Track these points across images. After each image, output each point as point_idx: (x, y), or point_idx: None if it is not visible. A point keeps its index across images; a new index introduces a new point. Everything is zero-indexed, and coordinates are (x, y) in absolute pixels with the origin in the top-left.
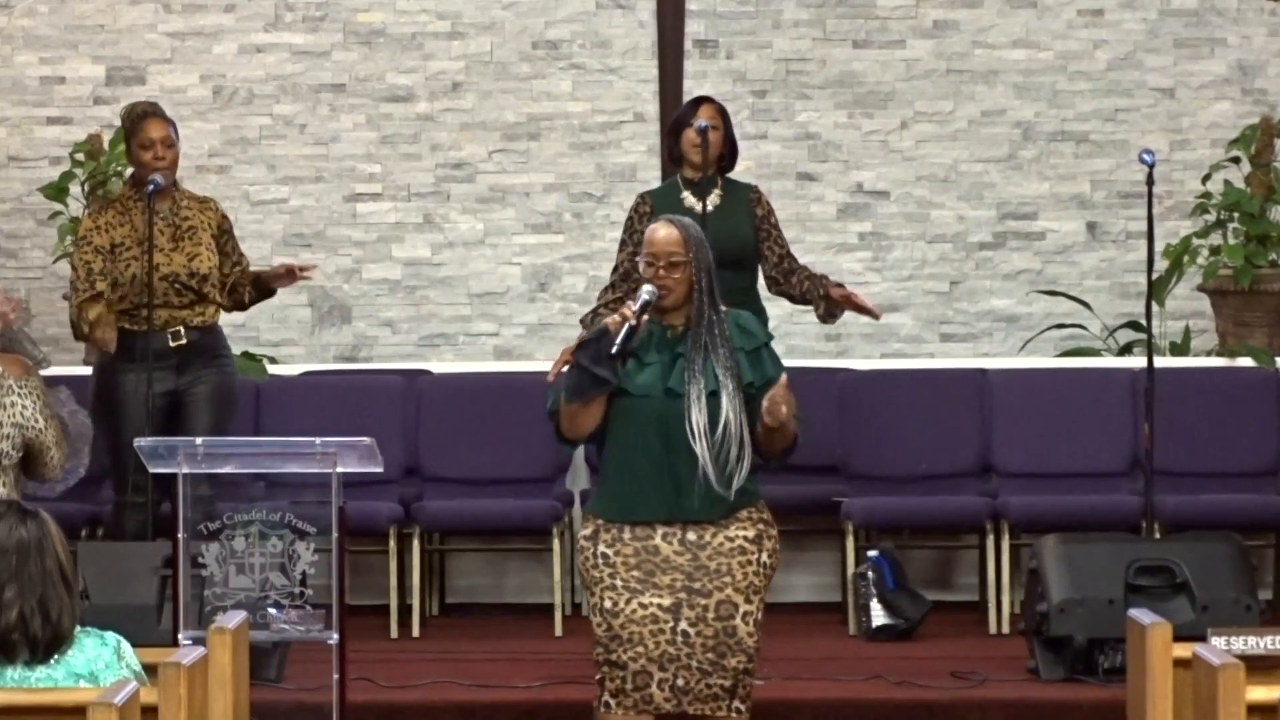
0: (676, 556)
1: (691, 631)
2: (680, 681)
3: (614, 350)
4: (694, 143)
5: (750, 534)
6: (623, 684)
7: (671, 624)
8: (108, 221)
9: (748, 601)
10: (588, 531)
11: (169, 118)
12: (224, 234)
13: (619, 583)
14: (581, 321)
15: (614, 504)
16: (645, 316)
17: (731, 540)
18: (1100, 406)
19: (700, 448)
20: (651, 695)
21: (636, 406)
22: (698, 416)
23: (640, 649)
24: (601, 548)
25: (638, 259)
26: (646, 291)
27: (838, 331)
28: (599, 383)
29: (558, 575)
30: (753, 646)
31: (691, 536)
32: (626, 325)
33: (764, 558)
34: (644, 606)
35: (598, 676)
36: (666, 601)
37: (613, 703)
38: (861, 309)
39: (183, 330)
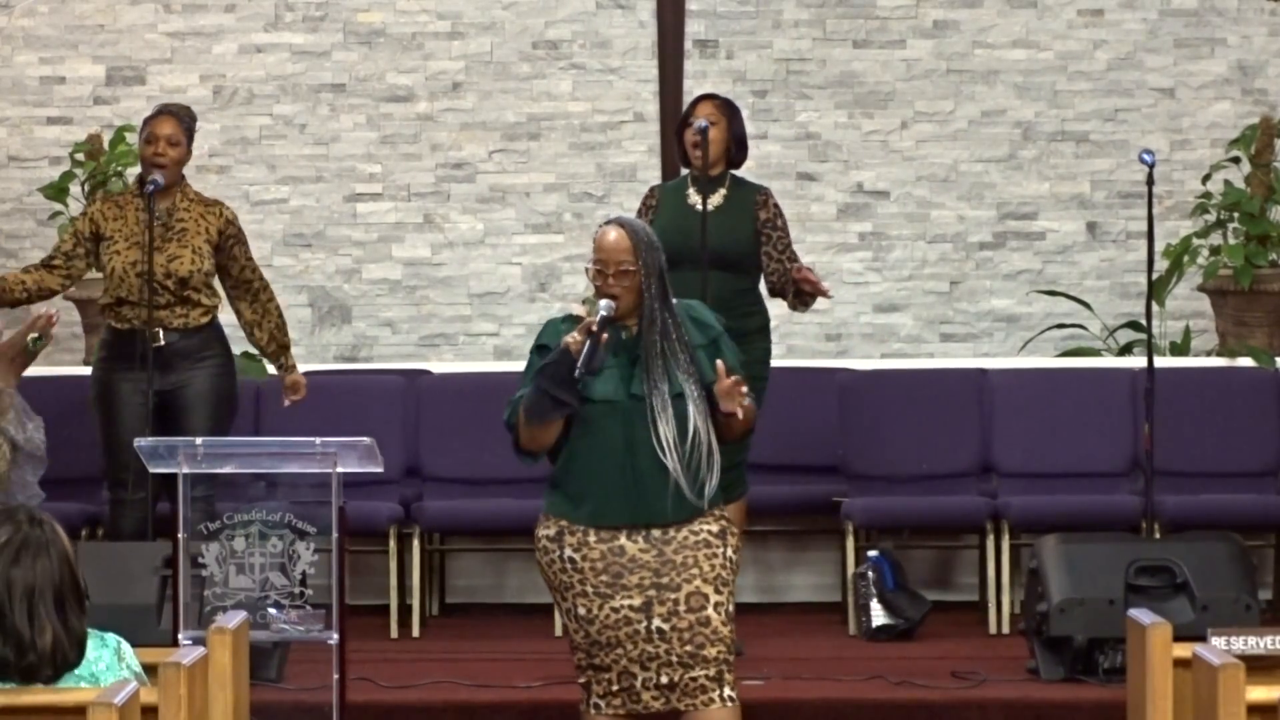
0: (642, 554)
1: (666, 627)
2: (664, 679)
3: (577, 372)
4: (693, 142)
5: (714, 529)
6: (609, 685)
7: (645, 623)
8: (101, 212)
9: (717, 592)
10: (550, 532)
11: (188, 123)
12: (228, 239)
13: (589, 589)
14: None
15: (579, 508)
16: (606, 334)
17: (696, 534)
18: (1100, 406)
19: (671, 461)
20: (639, 695)
21: (599, 413)
22: (665, 430)
23: (620, 651)
24: (568, 552)
25: (588, 263)
26: (604, 306)
27: (838, 331)
28: (559, 405)
29: None
30: (729, 636)
31: (656, 533)
32: (588, 345)
33: (729, 552)
34: (616, 610)
35: (582, 680)
36: (637, 601)
37: (602, 704)
38: (814, 285)
39: (161, 332)
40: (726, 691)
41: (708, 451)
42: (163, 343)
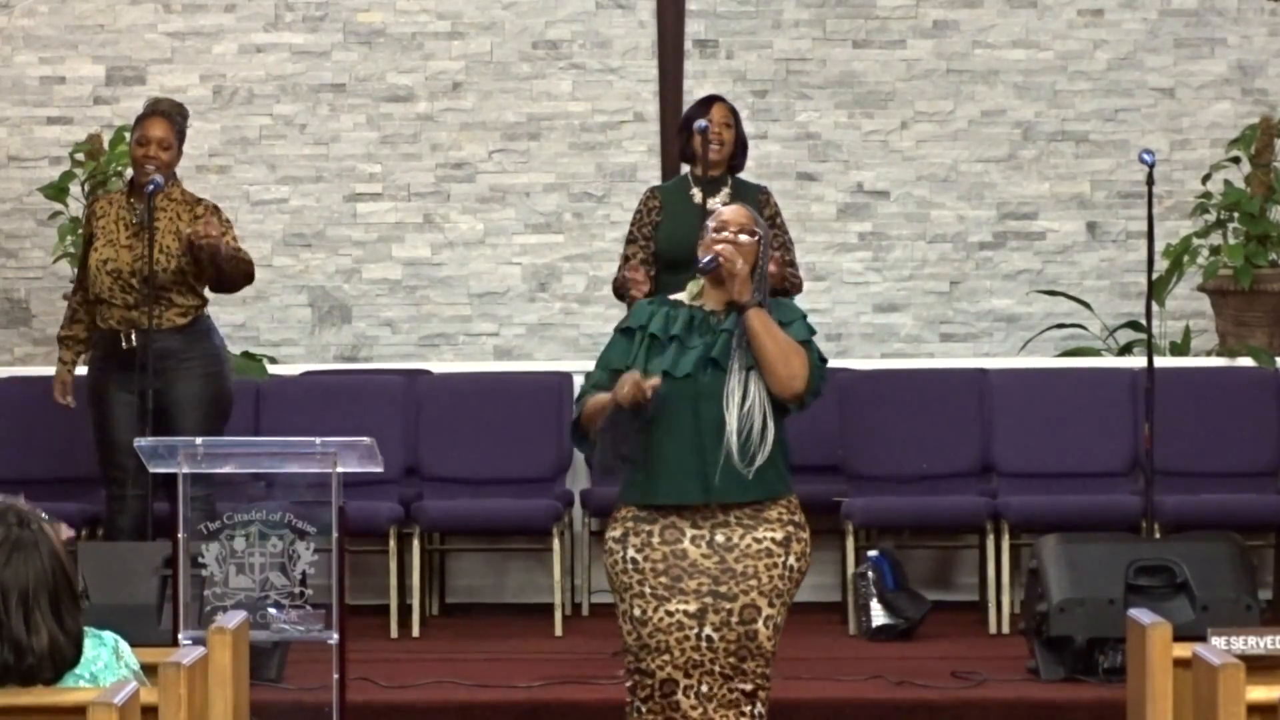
0: (704, 560)
1: (715, 636)
2: (704, 688)
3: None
4: (707, 140)
5: (779, 536)
6: (651, 692)
7: (696, 629)
8: (95, 211)
9: (770, 605)
10: (616, 533)
11: (180, 123)
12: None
13: (647, 590)
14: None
15: (644, 488)
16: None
17: (759, 542)
18: (1100, 406)
19: (731, 416)
20: (678, 703)
21: (677, 388)
22: (735, 387)
23: (667, 656)
24: (631, 552)
25: (704, 230)
26: (704, 261)
27: (838, 331)
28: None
29: (558, 575)
30: (770, 650)
31: (720, 539)
32: (651, 396)
33: (791, 561)
34: (670, 614)
35: (629, 684)
36: (692, 607)
37: (643, 708)
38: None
39: (134, 333)
40: (758, 709)
41: (761, 423)
42: (134, 343)
